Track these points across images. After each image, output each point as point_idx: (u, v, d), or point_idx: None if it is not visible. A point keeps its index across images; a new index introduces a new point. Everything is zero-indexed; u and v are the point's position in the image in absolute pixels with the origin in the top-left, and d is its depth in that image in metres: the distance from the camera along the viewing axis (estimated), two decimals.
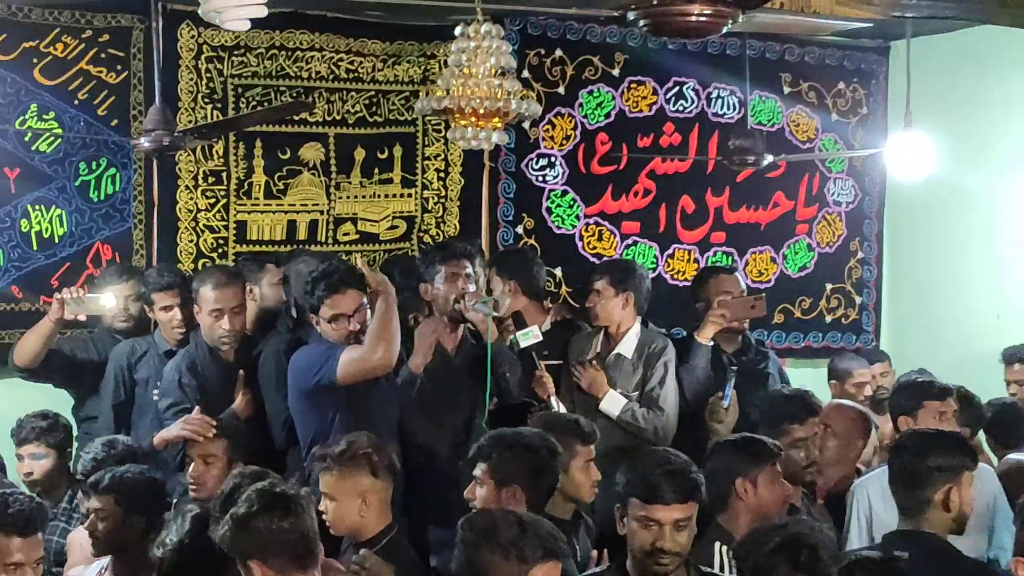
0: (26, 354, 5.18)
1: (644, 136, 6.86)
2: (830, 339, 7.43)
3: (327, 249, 6.13)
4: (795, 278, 7.32)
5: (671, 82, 6.91)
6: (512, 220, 6.58)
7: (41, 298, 5.63)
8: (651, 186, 6.90)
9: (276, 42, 6.05)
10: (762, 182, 7.05)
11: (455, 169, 6.49)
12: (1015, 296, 6.89)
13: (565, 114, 6.66)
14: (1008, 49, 6.63)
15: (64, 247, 5.82)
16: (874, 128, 7.44)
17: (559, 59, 6.62)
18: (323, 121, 6.22)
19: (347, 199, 6.30)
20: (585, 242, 6.76)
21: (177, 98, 5.85)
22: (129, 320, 5.41)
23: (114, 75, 5.86)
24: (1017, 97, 6.85)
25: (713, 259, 7.03)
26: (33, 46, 5.71)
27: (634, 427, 5.13)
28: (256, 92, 6.06)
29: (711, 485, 3.90)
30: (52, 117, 5.76)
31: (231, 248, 6.06)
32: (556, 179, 6.68)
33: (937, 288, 7.31)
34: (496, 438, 3.92)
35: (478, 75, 4.72)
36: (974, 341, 6.63)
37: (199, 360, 5.00)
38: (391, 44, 6.29)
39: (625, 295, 5.31)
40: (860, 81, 7.44)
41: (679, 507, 3.48)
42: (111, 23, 5.85)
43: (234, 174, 6.08)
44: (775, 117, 7.20)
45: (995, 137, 6.99)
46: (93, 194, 5.87)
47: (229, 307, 4.99)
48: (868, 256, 7.55)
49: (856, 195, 7.50)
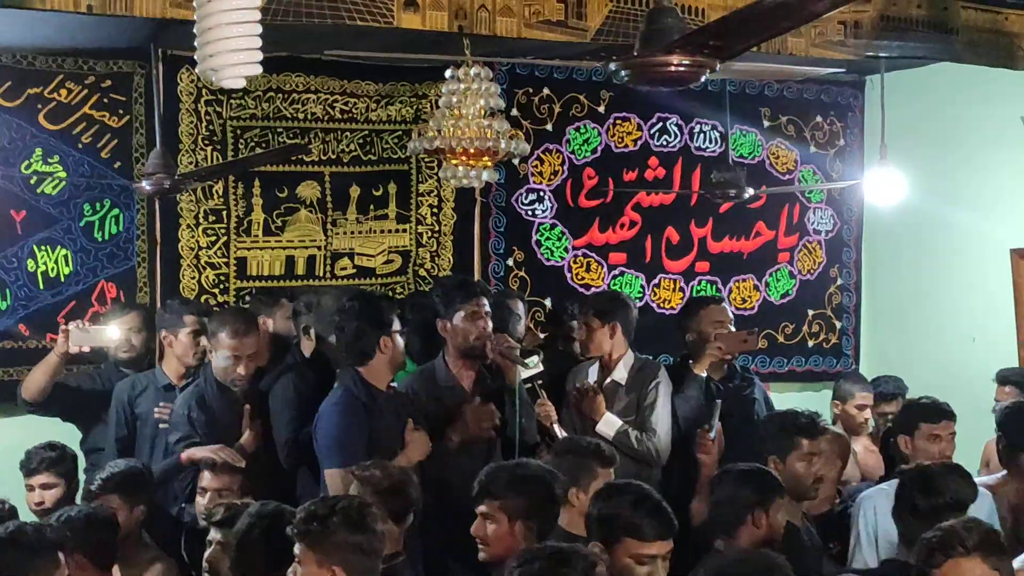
0: (34, 388, 5.31)
1: (629, 170, 7.01)
2: (812, 363, 7.60)
3: (325, 284, 6.26)
4: (778, 305, 7.48)
5: (655, 118, 7.06)
6: (503, 253, 6.71)
7: (47, 336, 5.73)
8: (637, 218, 7.05)
9: (273, 85, 6.21)
10: (744, 213, 7.20)
11: (448, 205, 6.62)
12: (989, 320, 7.03)
13: (553, 150, 6.82)
14: (978, 83, 6.77)
15: (70, 286, 5.94)
16: (851, 159, 7.63)
17: (546, 97, 6.79)
18: (319, 160, 6.35)
19: (343, 235, 6.43)
20: (574, 273, 6.91)
21: (178, 140, 5.99)
22: (132, 351, 5.52)
23: (116, 119, 6.00)
24: (988, 128, 6.99)
25: (698, 288, 7.18)
26: (38, 92, 5.84)
27: (629, 448, 5.13)
28: (254, 133, 6.20)
29: (719, 513, 4.02)
30: (57, 161, 5.89)
31: (232, 284, 6.19)
32: (545, 213, 6.82)
33: (914, 313, 7.47)
34: (500, 474, 3.87)
35: (468, 116, 4.86)
36: (950, 364, 6.76)
37: (208, 394, 5.09)
38: (384, 85, 6.43)
39: (611, 325, 5.38)
40: (837, 114, 7.62)
41: (669, 541, 3.59)
42: (113, 69, 5.99)
43: (234, 212, 6.21)
44: (756, 150, 7.37)
45: (968, 167, 7.14)
46: (97, 234, 6.00)
47: (246, 354, 5.08)
48: (847, 282, 7.72)
49: (835, 224, 7.68)
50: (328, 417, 4.69)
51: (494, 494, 3.78)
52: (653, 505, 3.62)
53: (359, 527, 3.36)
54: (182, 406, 5.08)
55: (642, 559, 3.54)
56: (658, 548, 3.55)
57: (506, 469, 3.93)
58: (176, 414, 5.08)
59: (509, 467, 3.98)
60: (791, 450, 4.42)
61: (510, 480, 3.81)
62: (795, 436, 4.47)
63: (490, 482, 3.83)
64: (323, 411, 4.73)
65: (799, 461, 4.42)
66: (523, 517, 3.74)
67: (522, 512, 3.75)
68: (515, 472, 3.87)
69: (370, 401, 4.73)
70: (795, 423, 4.53)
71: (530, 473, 3.86)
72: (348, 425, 4.63)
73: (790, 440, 4.46)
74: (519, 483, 3.80)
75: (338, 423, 4.65)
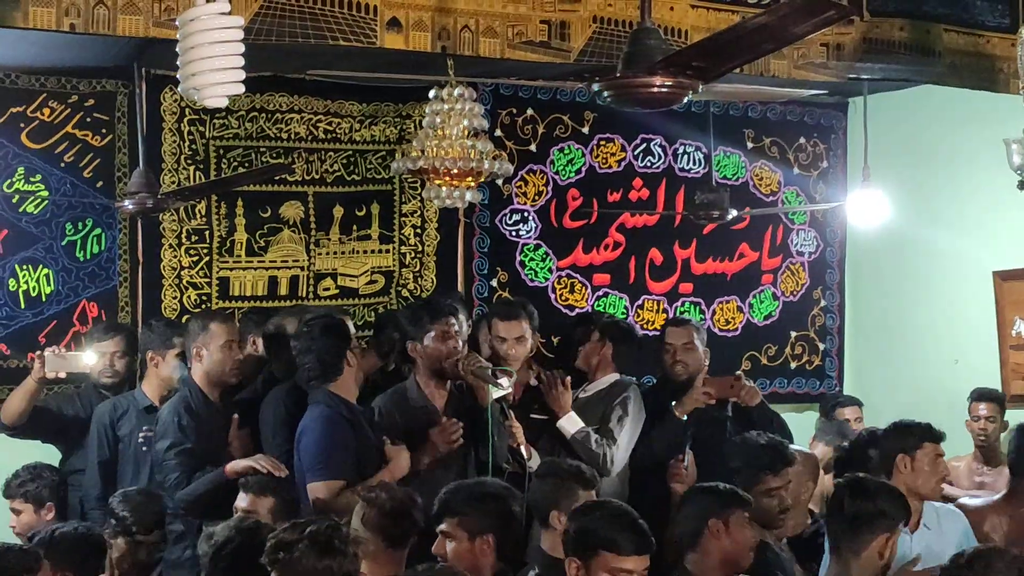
0: (12, 412, 5.28)
1: (613, 191, 7.02)
2: (795, 385, 7.60)
3: (308, 304, 6.24)
4: (761, 326, 7.48)
5: (639, 139, 7.08)
6: (487, 274, 6.71)
7: (28, 355, 5.71)
8: (621, 239, 7.06)
9: (256, 104, 6.20)
10: (728, 234, 7.21)
11: (431, 225, 6.61)
12: (971, 342, 7.05)
13: (537, 171, 6.83)
14: (960, 105, 6.81)
15: (51, 305, 5.93)
16: (834, 181, 7.66)
17: (530, 118, 6.80)
18: (302, 180, 6.34)
19: (327, 255, 6.42)
20: (558, 294, 6.91)
21: (161, 159, 5.97)
22: (115, 376, 5.51)
23: (99, 138, 6.00)
24: (970, 150, 7.01)
25: (681, 309, 7.18)
26: (20, 111, 5.84)
27: (587, 451, 5.16)
28: (237, 153, 6.19)
29: (683, 527, 4.04)
30: (39, 179, 5.89)
31: (214, 304, 6.15)
32: (529, 233, 6.83)
33: (897, 334, 7.49)
34: (459, 491, 3.93)
35: (452, 136, 4.88)
36: (932, 385, 6.77)
37: (193, 402, 5.07)
38: (367, 105, 6.44)
39: (602, 343, 5.50)
40: (820, 136, 7.66)
41: (646, 557, 3.59)
42: (96, 88, 5.99)
43: (216, 232, 6.20)
44: (739, 171, 7.39)
45: (950, 189, 7.17)
46: (79, 253, 5.99)
47: (235, 339, 5.18)
48: (831, 304, 7.74)
49: (818, 246, 7.69)
50: (311, 432, 4.68)
51: (454, 511, 3.85)
52: (630, 521, 3.63)
53: (327, 551, 3.35)
54: (170, 414, 5.05)
55: (618, 574, 3.53)
56: (634, 564, 3.55)
57: (465, 487, 3.99)
58: (164, 422, 5.05)
59: (468, 485, 4.04)
60: (757, 485, 4.43)
61: (468, 497, 3.88)
62: (760, 473, 4.50)
63: (449, 500, 3.89)
64: (305, 427, 4.73)
65: (765, 497, 4.44)
66: (482, 534, 3.80)
67: (482, 529, 3.80)
68: (473, 490, 3.94)
69: (350, 414, 4.74)
70: (759, 460, 4.55)
71: (488, 490, 3.92)
72: (332, 438, 4.63)
73: (755, 476, 4.48)
74: (477, 500, 3.87)
75: (321, 436, 4.64)
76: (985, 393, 6.40)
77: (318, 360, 4.78)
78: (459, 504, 3.87)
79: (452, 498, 3.90)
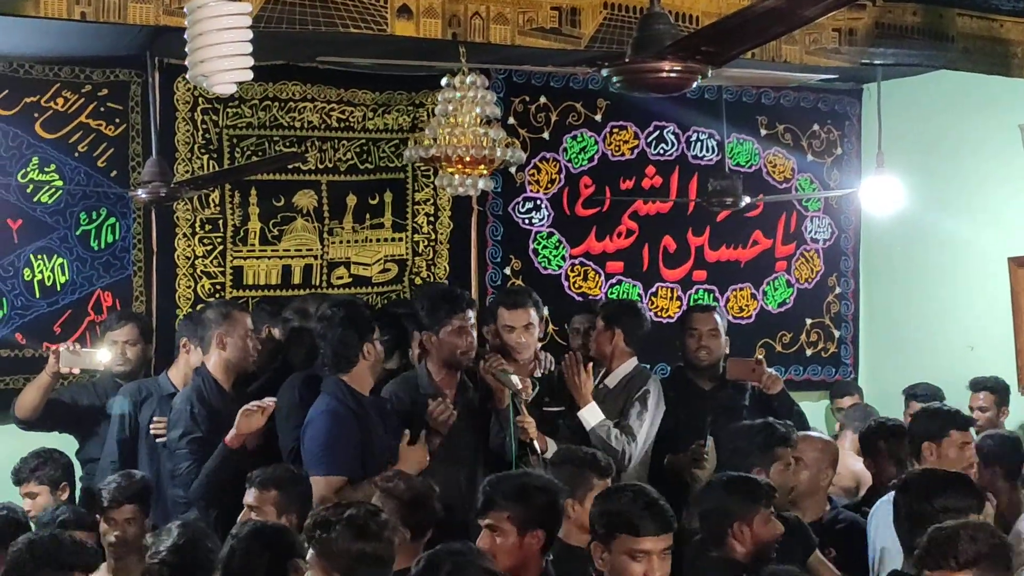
0: (26, 407, 5.33)
1: (626, 179, 7.01)
2: (811, 372, 7.59)
3: (322, 292, 6.25)
4: (775, 313, 7.47)
5: (652, 126, 7.07)
6: (500, 262, 6.72)
7: (44, 345, 5.77)
8: (634, 227, 7.06)
9: (269, 93, 6.21)
10: (741, 221, 7.21)
11: (444, 213, 6.62)
12: (986, 328, 7.04)
13: (550, 158, 6.83)
14: (974, 91, 6.80)
15: (66, 295, 5.96)
16: (848, 167, 7.63)
17: (543, 106, 6.80)
18: (316, 169, 6.35)
19: (340, 244, 6.43)
20: (571, 282, 6.91)
21: (174, 149, 5.99)
22: (126, 364, 5.53)
23: (113, 128, 6.02)
24: (985, 136, 7.01)
25: (695, 296, 7.18)
26: (34, 101, 5.87)
27: (606, 444, 5.07)
28: (251, 142, 6.20)
29: (706, 524, 4.02)
30: (53, 169, 5.91)
31: (228, 293, 6.17)
32: (542, 221, 6.83)
33: (911, 321, 7.46)
34: (504, 485, 3.73)
35: (464, 124, 4.89)
36: (947, 372, 6.72)
37: (207, 392, 5.08)
38: (380, 94, 6.44)
39: (612, 330, 5.42)
40: (834, 123, 7.63)
41: (665, 537, 3.56)
42: (109, 78, 6.01)
43: (230, 221, 6.21)
44: (753, 158, 7.38)
45: (965, 175, 7.14)
46: (94, 243, 6.02)
47: (252, 327, 5.21)
48: (845, 291, 7.72)
49: (833, 232, 7.68)
50: (316, 424, 4.69)
51: (502, 504, 3.66)
52: (649, 501, 3.58)
53: (363, 535, 3.35)
54: (183, 403, 5.07)
55: (636, 555, 3.50)
56: (652, 544, 3.51)
57: (510, 480, 3.80)
58: (177, 411, 5.07)
59: (514, 477, 3.87)
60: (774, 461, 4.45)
61: (517, 490, 3.69)
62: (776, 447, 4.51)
63: (494, 492, 3.70)
64: (311, 418, 4.73)
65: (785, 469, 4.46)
66: (532, 528, 3.64)
67: (532, 523, 3.64)
68: (522, 482, 3.76)
69: (358, 408, 4.73)
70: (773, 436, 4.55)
71: (537, 483, 3.75)
72: (336, 433, 4.63)
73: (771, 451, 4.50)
74: (527, 493, 3.67)
75: (326, 431, 4.64)
76: (980, 382, 6.40)
77: (332, 349, 4.78)
78: (507, 497, 3.65)
79: (495, 492, 3.69)
